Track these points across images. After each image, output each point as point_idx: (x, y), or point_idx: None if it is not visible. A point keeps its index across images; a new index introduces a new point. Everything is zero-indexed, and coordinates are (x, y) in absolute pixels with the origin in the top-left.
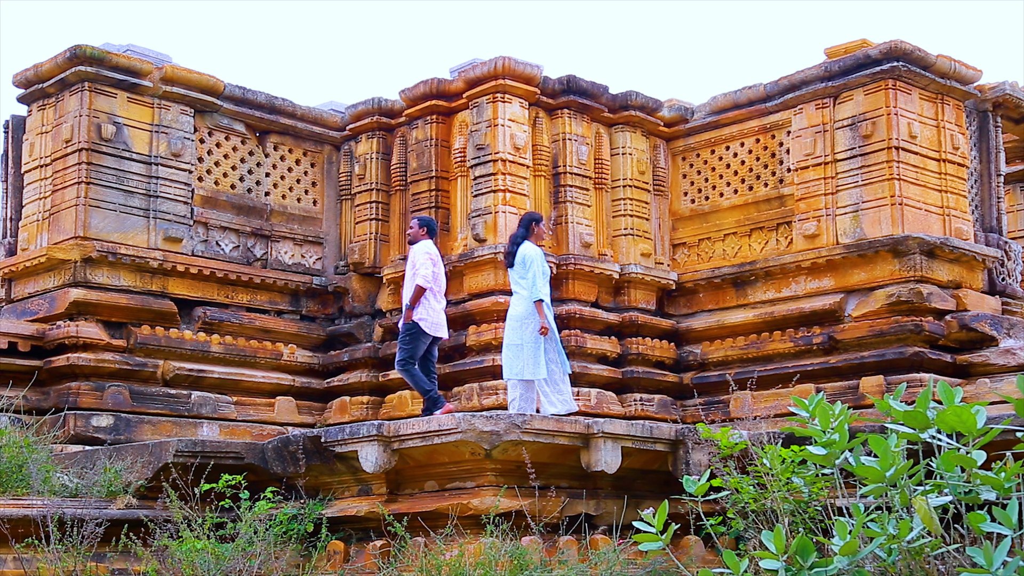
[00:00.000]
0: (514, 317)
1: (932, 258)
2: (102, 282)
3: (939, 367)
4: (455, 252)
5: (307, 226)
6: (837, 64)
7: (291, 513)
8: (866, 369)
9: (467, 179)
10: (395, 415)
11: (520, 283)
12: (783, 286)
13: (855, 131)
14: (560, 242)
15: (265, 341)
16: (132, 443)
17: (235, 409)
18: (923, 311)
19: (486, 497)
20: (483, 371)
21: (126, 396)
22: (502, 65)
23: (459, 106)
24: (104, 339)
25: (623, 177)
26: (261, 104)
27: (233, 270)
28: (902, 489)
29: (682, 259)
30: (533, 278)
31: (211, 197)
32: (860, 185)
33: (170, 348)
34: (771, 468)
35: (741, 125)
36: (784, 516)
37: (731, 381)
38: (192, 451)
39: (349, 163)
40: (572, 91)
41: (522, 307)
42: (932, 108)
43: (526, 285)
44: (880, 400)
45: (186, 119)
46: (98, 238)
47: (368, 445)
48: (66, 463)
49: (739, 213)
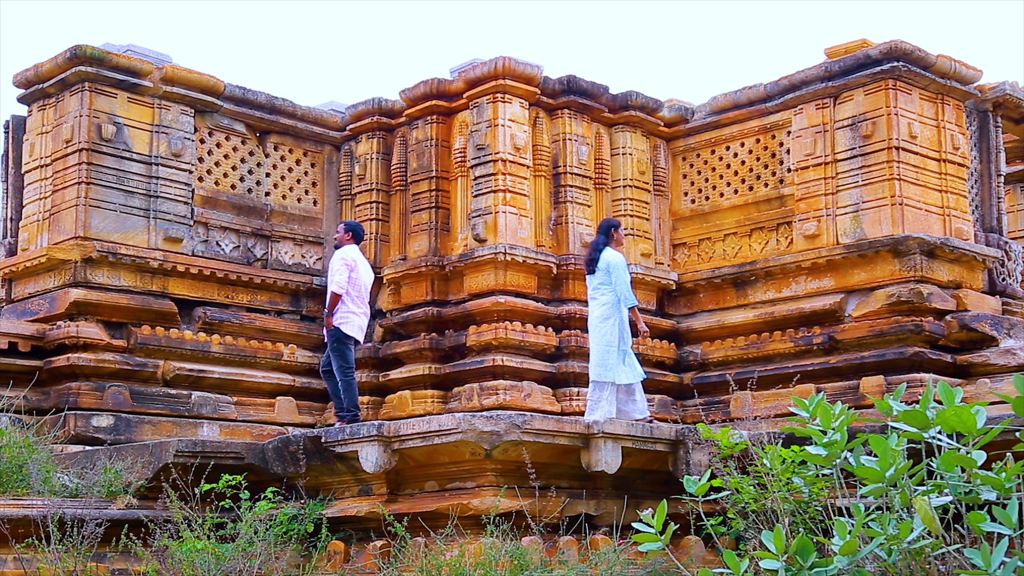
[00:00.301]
0: (595, 321)
1: (932, 258)
2: (102, 282)
3: (939, 367)
4: (455, 252)
5: (307, 226)
6: (837, 64)
7: (291, 513)
8: (866, 369)
9: (467, 179)
10: (395, 415)
11: (600, 288)
12: (783, 286)
13: (855, 131)
14: (560, 242)
15: (265, 341)
16: (132, 443)
17: (235, 409)
18: (923, 311)
19: (486, 497)
20: (483, 371)
21: (126, 396)
22: (502, 65)
23: (459, 106)
24: (104, 339)
25: (623, 177)
26: (261, 104)
27: (233, 270)
28: (902, 489)
29: (682, 259)
30: (625, 285)
31: (211, 197)
32: (860, 185)
33: (170, 348)
34: (771, 468)
35: (741, 125)
36: (784, 516)
37: (731, 381)
38: (192, 451)
39: (349, 163)
40: (572, 91)
41: (598, 311)
42: (932, 108)
43: (607, 291)
44: (880, 400)
45: (186, 119)
46: (98, 238)
47: (368, 445)
48: (66, 463)
49: (739, 213)
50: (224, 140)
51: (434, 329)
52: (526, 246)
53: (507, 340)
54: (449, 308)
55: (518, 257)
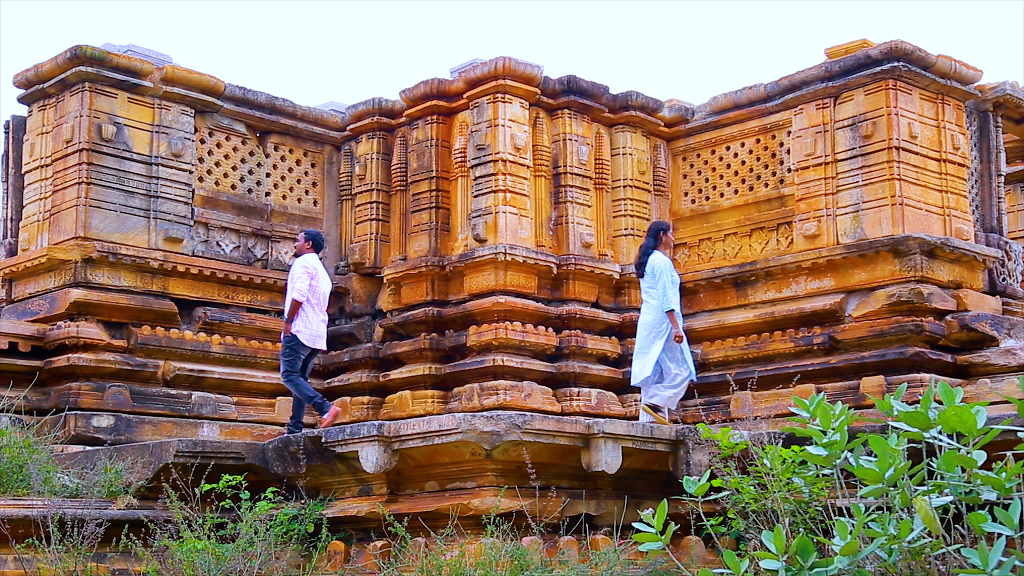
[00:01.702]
0: (643, 326)
1: (932, 258)
2: (102, 282)
3: (940, 367)
4: (455, 252)
5: (307, 226)
6: (838, 64)
7: (292, 513)
8: (867, 369)
9: (467, 179)
10: (396, 415)
11: (650, 292)
12: (784, 286)
13: (855, 131)
14: (560, 242)
15: (266, 341)
16: (133, 443)
17: (235, 409)
18: (924, 311)
19: (487, 497)
20: (484, 371)
21: (127, 396)
22: (502, 65)
23: (459, 106)
24: (105, 339)
25: (623, 177)
26: (262, 104)
27: (233, 270)
28: (903, 489)
29: (682, 259)
30: (664, 288)
31: (211, 197)
32: (861, 185)
33: (171, 348)
34: (771, 468)
35: (742, 125)
36: (784, 516)
37: (732, 381)
38: (193, 451)
39: (350, 163)
40: (572, 91)
41: (650, 316)
42: (932, 108)
43: (655, 295)
44: (881, 400)
45: (186, 119)
46: (99, 238)
47: (369, 445)
48: (66, 463)
49: (739, 213)
50: (224, 140)
51: (434, 329)
52: (526, 246)
53: (507, 340)
54: (449, 308)
55: (518, 257)
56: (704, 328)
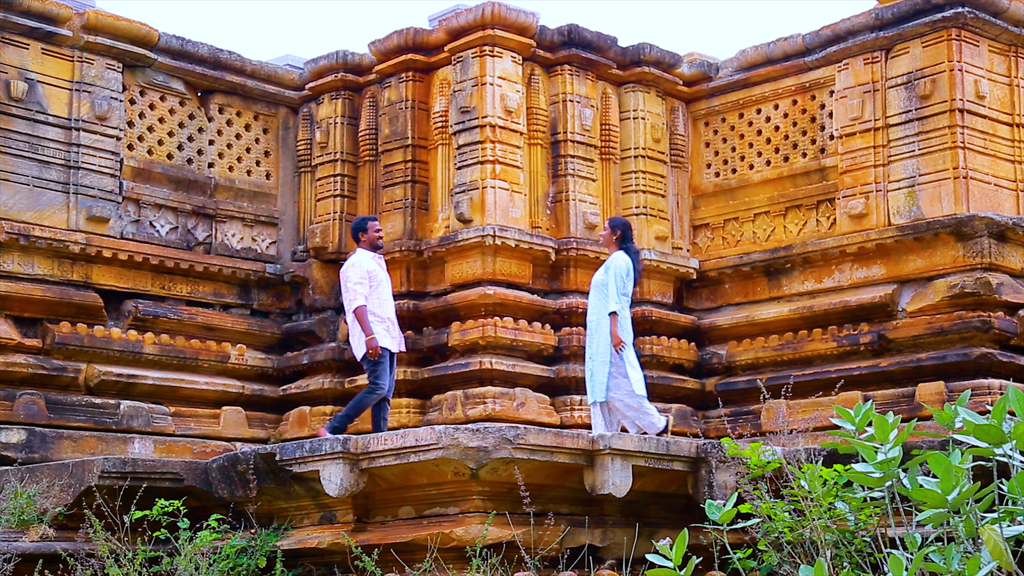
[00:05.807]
0: None
1: (1003, 242)
2: (12, 270)
3: (1011, 371)
4: (435, 235)
5: (259, 204)
6: (890, 11)
7: (240, 545)
8: (923, 374)
9: (449, 148)
10: (364, 428)
11: None
12: (824, 275)
13: (911, 90)
14: (559, 223)
15: (209, 341)
16: (49, 462)
17: (173, 422)
18: (992, 305)
19: (472, 525)
20: (468, 376)
21: (41, 406)
22: (491, 12)
23: (440, 61)
24: (15, 338)
25: (634, 146)
26: (204, 58)
27: (170, 256)
28: (967, 516)
29: (704, 243)
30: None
31: (144, 169)
32: (917, 155)
33: (95, 349)
34: (810, 491)
35: (775, 84)
36: (826, 548)
37: (762, 388)
38: (121, 472)
39: (309, 129)
40: (574, 44)
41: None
42: (1004, 63)
43: None
44: (941, 411)
45: (113, 75)
46: (7, 218)
47: (331, 464)
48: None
49: (772, 189)
50: (159, 101)
51: (410, 326)
52: (519, 227)
53: (497, 339)
54: (428, 301)
55: (510, 241)
56: (730, 325)
